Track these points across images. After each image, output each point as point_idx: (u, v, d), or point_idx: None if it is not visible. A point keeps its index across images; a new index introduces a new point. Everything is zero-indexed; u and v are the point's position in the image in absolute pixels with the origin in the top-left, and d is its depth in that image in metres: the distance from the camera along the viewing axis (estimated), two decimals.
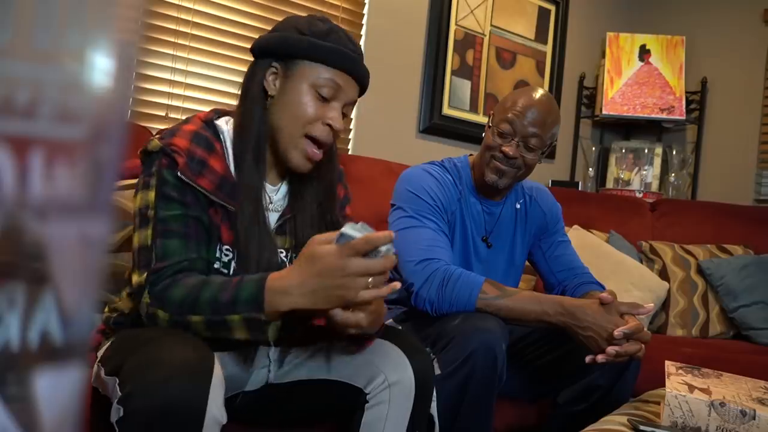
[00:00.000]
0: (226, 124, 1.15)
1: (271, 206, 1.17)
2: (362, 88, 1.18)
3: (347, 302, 0.93)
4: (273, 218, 1.17)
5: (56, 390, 0.28)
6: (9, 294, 0.26)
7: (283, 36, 1.11)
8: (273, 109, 1.12)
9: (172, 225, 1.04)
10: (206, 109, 2.12)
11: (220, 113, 1.17)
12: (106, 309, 1.19)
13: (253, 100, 1.12)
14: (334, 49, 1.10)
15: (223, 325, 0.97)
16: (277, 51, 1.11)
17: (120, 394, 0.88)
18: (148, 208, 1.05)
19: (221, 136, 1.13)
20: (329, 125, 1.11)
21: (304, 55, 1.10)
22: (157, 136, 1.09)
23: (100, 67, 0.28)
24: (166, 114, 2.06)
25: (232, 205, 1.08)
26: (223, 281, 1.00)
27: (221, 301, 0.97)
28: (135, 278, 1.03)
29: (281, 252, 1.16)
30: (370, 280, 0.92)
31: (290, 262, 1.17)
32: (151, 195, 1.05)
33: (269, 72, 1.12)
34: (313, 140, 1.12)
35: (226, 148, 1.12)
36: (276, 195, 1.19)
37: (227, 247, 1.10)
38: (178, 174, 1.04)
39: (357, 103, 1.25)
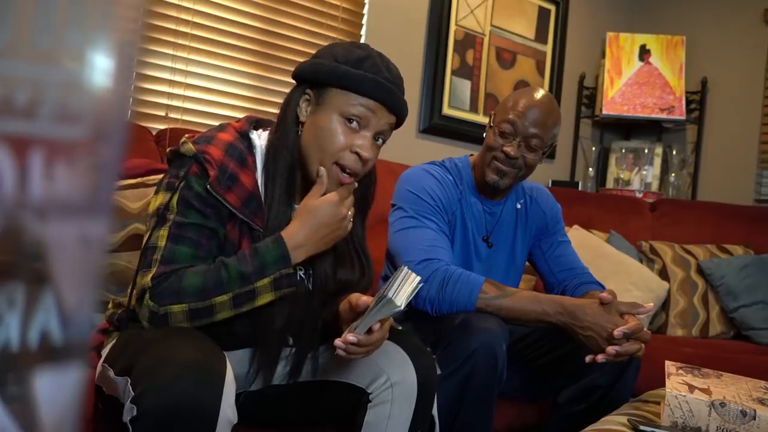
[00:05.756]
0: (259, 138, 1.14)
1: None
2: (398, 116, 1.15)
3: (341, 236, 1.12)
4: None
5: (56, 390, 0.28)
6: (9, 294, 0.26)
7: (318, 63, 1.11)
8: (304, 135, 1.12)
9: (186, 231, 1.04)
10: (206, 109, 2.13)
11: (253, 122, 1.17)
12: (110, 305, 1.19)
13: (287, 126, 1.12)
14: (364, 77, 1.08)
15: (250, 294, 1.03)
16: (310, 78, 1.12)
17: (133, 393, 0.89)
18: (167, 209, 1.04)
19: (254, 150, 1.13)
20: (357, 154, 1.10)
21: (334, 83, 1.09)
22: (190, 138, 1.08)
23: (100, 67, 0.28)
24: (166, 114, 2.06)
25: (257, 222, 1.08)
26: (235, 258, 1.05)
27: (247, 272, 1.02)
28: (139, 279, 1.03)
29: (300, 270, 1.15)
30: (348, 213, 1.11)
31: (307, 279, 1.17)
32: (174, 198, 1.04)
33: (302, 99, 1.12)
34: (343, 168, 1.11)
35: (257, 162, 1.12)
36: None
37: None
38: (207, 186, 1.04)
39: None
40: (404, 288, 1.00)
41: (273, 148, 1.12)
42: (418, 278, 1.02)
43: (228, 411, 0.90)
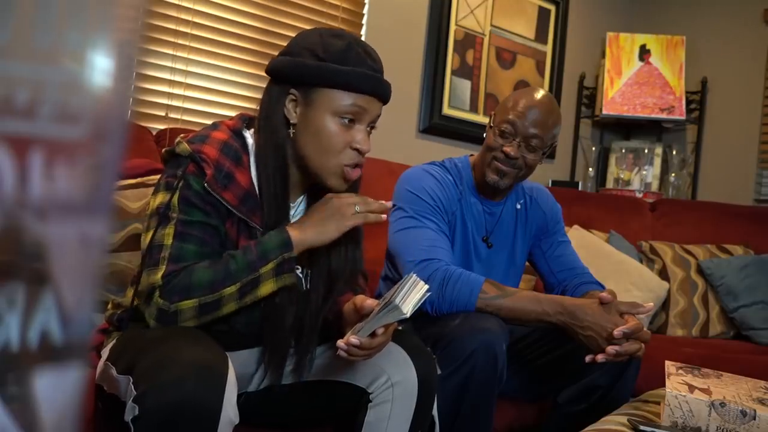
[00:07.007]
0: (251, 137, 1.14)
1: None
2: (386, 102, 1.14)
3: (344, 226, 1.08)
4: None
5: (56, 390, 0.28)
6: (9, 294, 0.26)
7: (298, 62, 1.08)
8: (297, 137, 1.10)
9: (191, 229, 1.04)
10: (206, 109, 2.13)
11: (246, 120, 1.16)
12: (110, 305, 1.19)
13: (275, 128, 1.10)
14: (352, 74, 1.06)
15: (255, 282, 1.03)
16: (293, 78, 1.09)
17: (135, 392, 0.89)
18: (169, 208, 1.04)
19: (248, 149, 1.12)
20: (357, 149, 1.10)
21: (322, 83, 1.07)
22: (185, 138, 1.08)
23: (100, 67, 0.28)
24: (166, 114, 2.06)
25: (254, 220, 1.08)
26: (242, 249, 1.06)
27: (252, 260, 1.03)
28: (145, 278, 1.03)
29: (297, 268, 1.15)
30: (357, 207, 1.07)
31: (305, 277, 1.17)
32: (174, 197, 1.04)
33: (288, 99, 1.10)
34: (346, 164, 1.11)
35: (252, 161, 1.12)
36: (295, 211, 1.18)
37: None
38: (204, 185, 1.04)
39: None
40: (412, 295, 1.00)
41: (264, 150, 1.10)
42: (426, 286, 1.03)
43: (230, 411, 0.90)
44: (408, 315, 0.98)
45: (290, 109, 1.10)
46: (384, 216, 1.10)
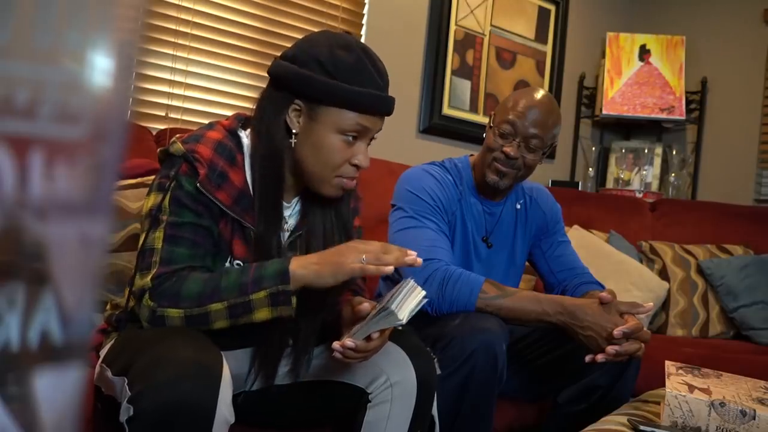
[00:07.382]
0: (246, 137, 1.13)
1: (285, 226, 1.16)
2: (389, 116, 1.14)
3: (343, 269, 0.99)
4: (284, 234, 1.16)
5: (56, 390, 0.28)
6: (9, 294, 0.26)
7: (306, 75, 1.06)
8: (297, 147, 1.10)
9: (181, 231, 1.04)
10: (206, 109, 2.13)
11: (242, 120, 1.16)
12: (108, 306, 1.19)
13: (275, 134, 1.09)
14: (361, 94, 1.06)
15: (246, 306, 1.00)
16: (299, 89, 1.07)
17: (130, 393, 0.89)
18: (160, 211, 1.04)
19: (243, 149, 1.12)
20: (356, 165, 1.10)
21: (329, 102, 1.06)
22: (180, 138, 1.08)
23: (100, 67, 0.28)
24: (166, 114, 2.06)
25: (248, 220, 1.08)
26: (241, 268, 1.04)
27: (245, 282, 1.00)
28: (138, 281, 1.03)
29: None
30: (363, 257, 0.99)
31: None
32: (166, 199, 1.04)
33: (291, 108, 1.09)
34: (343, 177, 1.11)
35: (246, 161, 1.11)
36: (289, 212, 1.18)
37: (238, 261, 1.10)
38: (197, 185, 1.04)
39: None
40: (408, 301, 1.00)
41: (260, 152, 1.10)
42: (424, 293, 1.02)
43: (224, 410, 0.90)
44: (404, 321, 0.98)
45: (293, 119, 1.10)
46: (389, 268, 1.00)
